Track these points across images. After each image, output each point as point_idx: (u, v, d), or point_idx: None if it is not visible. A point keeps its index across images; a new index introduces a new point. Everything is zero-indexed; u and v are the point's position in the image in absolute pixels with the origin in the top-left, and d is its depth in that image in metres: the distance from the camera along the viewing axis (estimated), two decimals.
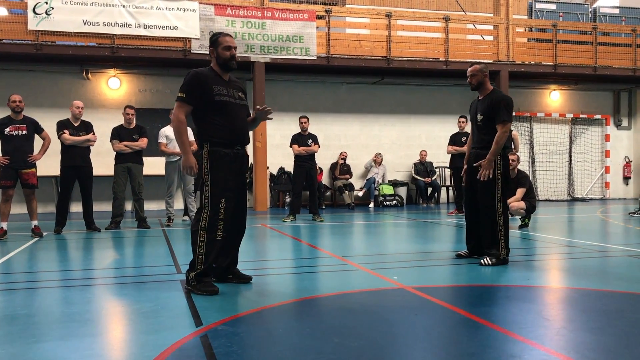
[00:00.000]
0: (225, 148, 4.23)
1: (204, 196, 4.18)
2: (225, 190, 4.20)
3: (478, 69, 5.40)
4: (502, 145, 5.21)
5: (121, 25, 11.37)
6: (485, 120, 5.33)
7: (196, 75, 4.24)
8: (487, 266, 5.12)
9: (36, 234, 7.72)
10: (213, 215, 4.14)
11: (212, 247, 4.15)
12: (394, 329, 3.22)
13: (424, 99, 14.92)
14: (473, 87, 5.48)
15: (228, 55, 4.30)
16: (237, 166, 4.32)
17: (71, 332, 3.22)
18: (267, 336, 3.13)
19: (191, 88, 4.20)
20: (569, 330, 3.20)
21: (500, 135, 5.17)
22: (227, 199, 4.20)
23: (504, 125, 5.19)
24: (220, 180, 4.18)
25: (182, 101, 4.22)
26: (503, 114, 5.19)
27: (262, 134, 12.34)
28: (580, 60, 14.28)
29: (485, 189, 5.27)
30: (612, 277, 4.75)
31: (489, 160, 5.19)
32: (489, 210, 5.26)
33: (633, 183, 16.58)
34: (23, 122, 7.76)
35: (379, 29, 13.32)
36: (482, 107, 5.38)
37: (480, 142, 5.40)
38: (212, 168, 4.19)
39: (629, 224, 9.01)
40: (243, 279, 4.52)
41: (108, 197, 9.55)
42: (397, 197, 13.62)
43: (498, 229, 5.21)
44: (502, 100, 5.23)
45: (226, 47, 4.30)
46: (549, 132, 15.92)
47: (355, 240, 7.78)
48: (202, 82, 4.21)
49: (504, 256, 5.22)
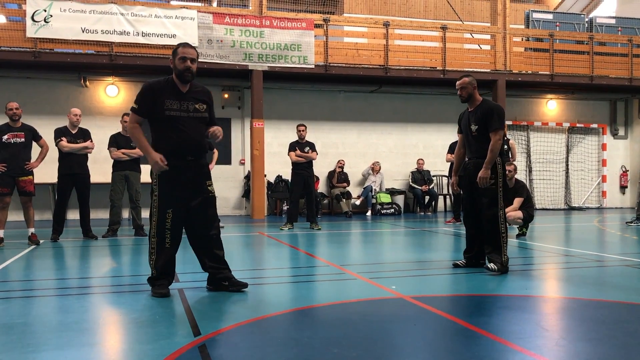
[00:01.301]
0: (175, 160, 4.30)
1: (152, 205, 4.34)
2: (171, 202, 4.32)
3: (467, 82, 5.47)
4: (497, 153, 5.28)
5: (119, 33, 11.39)
6: (481, 130, 5.39)
7: (150, 87, 4.35)
8: (494, 271, 5.17)
9: (33, 241, 7.69)
10: (159, 224, 4.32)
11: (162, 254, 4.32)
12: (393, 339, 3.21)
13: (421, 108, 14.96)
14: (463, 100, 5.56)
15: (182, 67, 4.34)
16: (190, 176, 4.38)
17: (68, 342, 3.20)
18: (265, 346, 3.12)
19: (143, 100, 4.33)
20: (567, 340, 3.20)
21: (494, 143, 5.25)
22: (174, 209, 4.32)
23: (497, 132, 5.27)
24: (166, 192, 4.31)
25: (134, 112, 4.38)
26: (495, 122, 5.28)
27: (259, 141, 12.35)
28: (576, 69, 14.36)
29: (487, 197, 5.31)
30: (609, 286, 4.75)
31: (485, 170, 5.24)
32: (492, 218, 5.29)
33: (629, 192, 16.62)
34: (21, 129, 7.75)
35: (376, 37, 13.38)
36: (474, 118, 5.44)
37: (478, 151, 5.44)
38: (159, 178, 4.33)
39: (626, 233, 9.02)
40: (238, 286, 4.50)
41: (105, 205, 9.53)
42: (394, 206, 13.62)
43: (501, 236, 5.25)
44: (494, 109, 5.34)
45: (181, 57, 4.34)
46: (546, 141, 15.97)
47: (353, 249, 7.78)
48: (154, 95, 4.31)
49: (506, 262, 5.26)
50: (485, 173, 5.24)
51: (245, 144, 13.63)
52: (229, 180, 13.68)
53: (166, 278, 4.40)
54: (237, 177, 13.90)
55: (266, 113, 12.83)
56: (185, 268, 5.52)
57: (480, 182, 5.26)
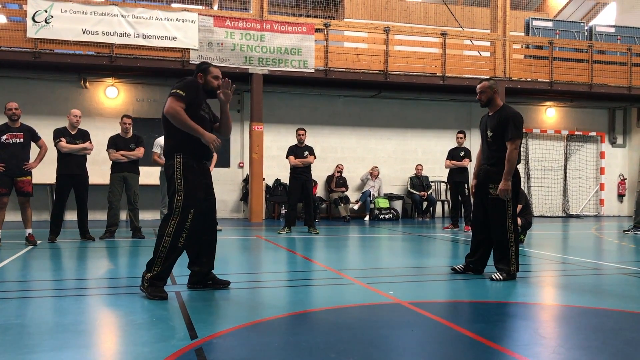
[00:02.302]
0: (196, 161, 4.44)
1: (175, 204, 4.35)
2: (195, 202, 4.40)
3: (487, 86, 5.40)
4: (515, 163, 5.19)
5: (120, 35, 11.40)
6: (495, 137, 5.31)
7: (197, 84, 4.51)
8: (498, 281, 5.14)
9: (30, 242, 7.68)
10: (180, 223, 4.33)
11: (172, 254, 4.35)
12: (390, 345, 3.21)
13: (420, 114, 14.98)
14: (483, 104, 5.48)
15: (215, 85, 4.58)
16: (205, 179, 4.58)
17: (65, 343, 3.19)
18: (262, 350, 3.11)
19: (191, 92, 4.39)
20: (565, 348, 3.20)
21: (511, 152, 5.16)
22: (196, 209, 4.40)
23: (513, 142, 5.17)
24: (192, 192, 4.38)
25: (179, 98, 4.33)
26: (512, 131, 5.17)
27: (258, 145, 12.35)
28: (576, 77, 14.39)
29: (496, 206, 5.27)
30: (607, 294, 4.75)
31: (505, 181, 5.16)
32: (501, 227, 5.25)
33: (627, 200, 16.64)
34: (20, 129, 7.74)
35: (376, 43, 13.41)
36: (491, 123, 5.36)
37: (490, 158, 5.38)
38: (185, 179, 4.37)
39: (624, 242, 9.03)
40: (221, 283, 4.75)
41: (103, 206, 9.51)
42: (392, 211, 13.63)
43: (509, 245, 5.22)
44: (511, 117, 5.22)
45: (215, 76, 4.61)
46: (544, 149, 16.00)
47: (351, 254, 7.77)
48: (198, 93, 4.48)
49: (514, 272, 5.23)
50: (505, 185, 5.15)
51: (244, 147, 13.63)
52: (228, 183, 13.68)
53: (164, 280, 4.43)
54: (236, 180, 13.90)
55: (266, 117, 12.84)
56: (182, 270, 5.50)
57: (501, 194, 5.17)
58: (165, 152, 4.50)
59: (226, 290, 4.69)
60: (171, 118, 4.32)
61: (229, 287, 4.75)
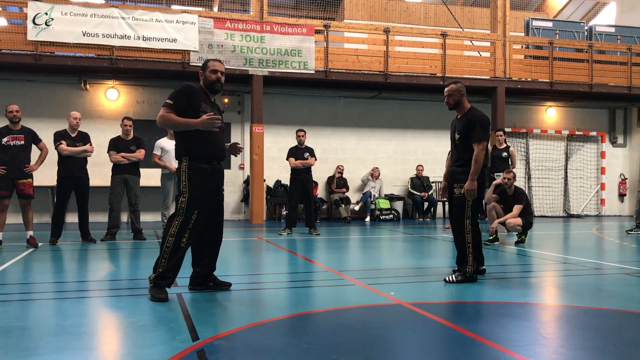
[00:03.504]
0: (204, 163, 4.48)
1: (179, 205, 4.41)
2: (199, 204, 4.43)
3: (455, 89, 5.41)
4: (481, 164, 5.18)
5: (120, 37, 11.41)
6: (462, 139, 5.33)
7: (188, 87, 4.52)
8: (450, 282, 5.13)
9: (31, 244, 7.68)
10: (183, 223, 4.37)
11: (175, 253, 4.38)
12: (391, 346, 3.21)
13: (420, 114, 14.98)
14: (450, 107, 5.50)
15: (213, 78, 4.60)
16: (215, 181, 4.58)
17: (66, 346, 3.19)
18: (263, 351, 3.11)
19: (180, 97, 4.43)
20: (566, 348, 3.20)
21: (477, 154, 5.16)
22: (200, 211, 4.43)
23: (479, 143, 5.17)
24: (196, 194, 4.42)
25: (168, 107, 4.41)
26: (478, 133, 5.19)
27: (259, 146, 12.36)
28: (576, 77, 14.39)
29: (456, 206, 5.31)
30: (608, 294, 4.75)
31: (471, 181, 5.15)
32: (459, 227, 5.30)
33: (628, 200, 16.63)
34: (21, 132, 7.75)
35: (376, 44, 13.41)
36: (459, 126, 5.39)
37: (457, 160, 5.40)
38: (190, 182, 4.42)
39: (625, 242, 9.02)
40: (222, 285, 4.77)
41: (104, 208, 9.52)
42: (393, 212, 13.63)
43: (466, 246, 5.21)
44: (477, 120, 5.24)
45: (213, 70, 4.61)
46: (544, 149, 15.99)
47: (352, 255, 7.77)
48: (191, 95, 4.47)
49: (471, 273, 5.19)
50: (471, 185, 5.14)
51: (244, 148, 13.64)
52: (228, 184, 13.66)
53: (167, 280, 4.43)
54: (237, 181, 13.91)
55: (266, 118, 12.85)
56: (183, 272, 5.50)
57: (467, 194, 5.17)
58: (176, 155, 4.62)
59: (227, 292, 4.70)
60: (162, 125, 4.47)
61: (230, 289, 4.76)
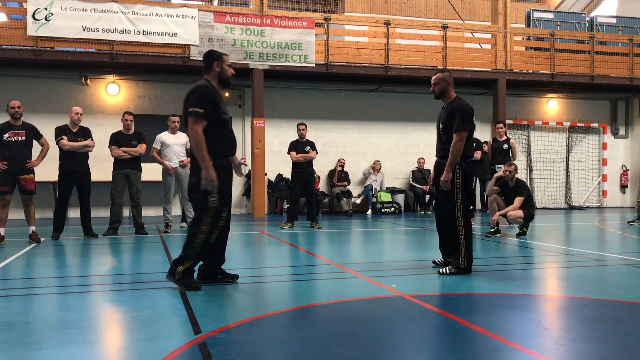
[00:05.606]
0: (224, 160, 4.55)
1: (210, 205, 4.41)
2: (227, 201, 4.61)
3: (441, 77, 5.34)
4: (459, 155, 5.10)
5: (120, 32, 11.39)
6: (445, 129, 5.26)
7: (208, 91, 4.47)
8: (445, 275, 5.12)
9: (34, 239, 7.70)
10: (215, 222, 4.47)
11: (204, 249, 4.49)
12: (393, 338, 3.22)
13: (422, 107, 14.93)
14: (436, 96, 5.42)
15: (230, 73, 4.62)
16: (231, 175, 4.72)
17: (69, 340, 3.21)
18: (266, 344, 3.12)
19: (207, 104, 4.40)
20: (568, 339, 3.20)
21: (455, 144, 5.08)
22: (228, 208, 4.61)
23: (458, 133, 5.09)
24: (225, 192, 4.52)
25: (200, 117, 4.35)
26: (459, 123, 5.10)
27: (260, 140, 12.35)
28: (577, 69, 14.34)
29: (445, 198, 5.23)
30: (610, 285, 4.76)
31: (446, 172, 5.11)
32: (450, 220, 5.23)
33: (630, 191, 16.61)
34: (22, 127, 7.76)
35: (377, 36, 13.37)
36: (443, 115, 5.33)
37: (441, 151, 5.34)
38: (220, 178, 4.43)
39: (627, 233, 9.02)
40: (230, 278, 4.82)
41: (106, 203, 9.53)
42: (394, 205, 13.62)
43: (459, 239, 5.17)
44: (459, 109, 5.14)
45: (230, 65, 4.65)
46: (546, 141, 15.96)
47: (353, 248, 7.78)
48: (214, 98, 4.48)
49: (465, 265, 5.17)
50: (446, 176, 5.10)
51: (245, 142, 13.62)
52: None
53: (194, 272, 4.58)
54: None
55: (267, 112, 12.84)
56: None
57: (442, 185, 5.14)
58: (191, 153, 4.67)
59: (229, 285, 4.72)
60: (193, 144, 4.39)
61: (236, 282, 4.80)
